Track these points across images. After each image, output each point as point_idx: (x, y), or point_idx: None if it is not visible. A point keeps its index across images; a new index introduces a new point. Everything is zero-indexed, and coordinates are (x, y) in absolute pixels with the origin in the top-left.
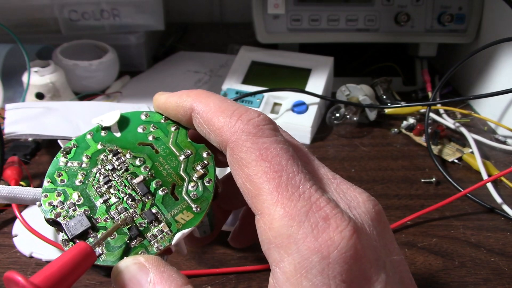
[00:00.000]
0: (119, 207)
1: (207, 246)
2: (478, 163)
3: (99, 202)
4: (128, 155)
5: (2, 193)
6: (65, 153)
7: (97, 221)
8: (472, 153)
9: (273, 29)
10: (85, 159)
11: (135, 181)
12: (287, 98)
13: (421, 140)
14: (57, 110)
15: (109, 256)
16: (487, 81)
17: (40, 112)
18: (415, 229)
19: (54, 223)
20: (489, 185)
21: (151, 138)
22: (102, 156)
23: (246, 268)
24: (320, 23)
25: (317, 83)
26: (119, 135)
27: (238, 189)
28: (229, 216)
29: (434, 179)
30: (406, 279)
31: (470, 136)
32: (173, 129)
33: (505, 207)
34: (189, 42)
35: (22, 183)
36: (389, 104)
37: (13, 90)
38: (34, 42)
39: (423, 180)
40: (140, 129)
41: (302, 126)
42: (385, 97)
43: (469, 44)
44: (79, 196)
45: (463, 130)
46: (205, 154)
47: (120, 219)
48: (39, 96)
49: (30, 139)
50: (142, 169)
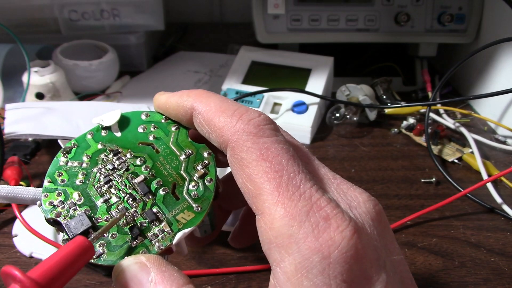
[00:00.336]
0: (120, 207)
1: (207, 246)
2: (478, 163)
3: (99, 201)
4: (128, 155)
5: (2, 193)
6: (65, 152)
7: (98, 220)
8: (472, 153)
9: (273, 29)
10: (85, 158)
11: (136, 180)
12: (287, 98)
13: (421, 140)
14: (57, 110)
15: (110, 255)
16: (487, 81)
17: (40, 112)
18: (415, 229)
19: (54, 223)
20: (489, 185)
21: (151, 137)
22: (102, 155)
23: (246, 268)
24: (320, 23)
25: (317, 83)
26: (119, 135)
27: (238, 189)
28: (229, 216)
29: (434, 179)
30: (406, 279)
31: (470, 136)
32: (173, 129)
33: (505, 207)
34: (189, 42)
35: (22, 183)
36: (389, 104)
37: (13, 90)
38: (34, 42)
39: (423, 180)
40: (140, 129)
41: (302, 126)
42: (385, 97)
43: (469, 44)
44: (79, 195)
45: (463, 130)
46: (205, 153)
47: (119, 214)
48: (39, 96)
49: (30, 139)
50: (142, 168)
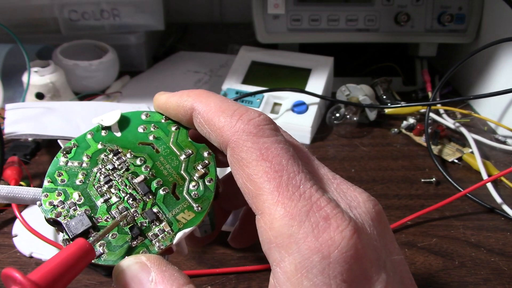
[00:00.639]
0: (120, 207)
1: (207, 246)
2: (478, 163)
3: (99, 201)
4: (128, 155)
5: (1, 193)
6: (65, 152)
7: (98, 220)
8: (472, 153)
9: (273, 29)
10: (85, 158)
11: (136, 180)
12: (287, 98)
13: (421, 140)
14: (57, 110)
15: (111, 255)
16: (487, 81)
17: (40, 112)
18: (415, 229)
19: (54, 223)
20: (489, 185)
21: (151, 137)
22: (102, 155)
23: (246, 268)
24: (320, 23)
25: (317, 83)
26: (119, 134)
27: (238, 189)
28: (229, 216)
29: (434, 179)
30: (406, 279)
31: (470, 136)
32: (173, 128)
33: (505, 207)
34: (189, 42)
35: (22, 183)
36: (389, 104)
37: (13, 90)
38: (34, 42)
39: (423, 180)
40: (140, 129)
41: (302, 126)
42: (385, 97)
43: (469, 44)
44: (79, 195)
45: (463, 130)
46: (205, 153)
47: (119, 217)
48: (39, 96)
49: (30, 139)
50: (142, 168)
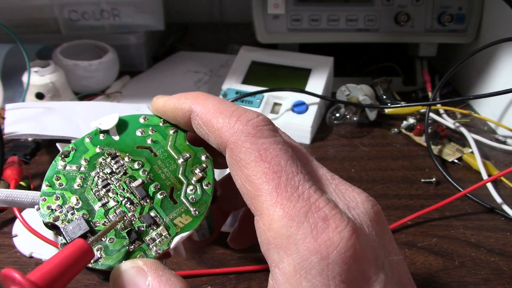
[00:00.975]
0: (118, 211)
1: (207, 246)
2: (478, 163)
3: (97, 205)
4: (126, 159)
5: (0, 197)
6: (63, 156)
7: (96, 224)
8: (472, 153)
9: (273, 29)
10: (83, 162)
11: (134, 184)
12: (287, 98)
13: (421, 140)
14: (57, 110)
15: (108, 259)
16: (487, 81)
17: (40, 112)
18: (415, 229)
19: (52, 227)
20: (489, 185)
21: (149, 141)
22: (100, 159)
23: (246, 268)
24: (320, 23)
25: (317, 83)
26: (117, 138)
27: (237, 190)
28: (229, 217)
29: (434, 179)
30: (405, 279)
31: (470, 136)
32: (171, 132)
33: (505, 207)
34: (189, 42)
35: (22, 183)
36: (389, 104)
37: (13, 90)
38: (34, 42)
39: (423, 180)
40: (138, 133)
41: (302, 126)
42: (385, 97)
43: (469, 44)
44: (77, 199)
45: (463, 130)
46: (203, 157)
47: (118, 217)
48: (39, 96)
49: (30, 139)
50: (140, 172)
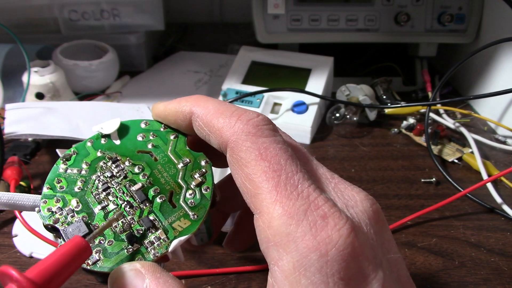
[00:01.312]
0: (117, 214)
1: (206, 246)
2: (478, 163)
3: (97, 208)
4: (127, 163)
5: (2, 200)
6: (65, 160)
7: (95, 227)
8: (472, 153)
9: (273, 29)
10: (84, 166)
11: (134, 188)
12: (287, 98)
13: (421, 140)
14: (57, 110)
15: (106, 262)
16: (487, 81)
17: (40, 112)
18: (415, 229)
19: (52, 229)
20: (489, 185)
21: (150, 146)
22: (101, 163)
23: (246, 268)
24: (320, 23)
25: (317, 83)
26: (118, 142)
27: (236, 191)
28: (228, 218)
29: (434, 179)
30: (403, 277)
31: (470, 136)
32: (172, 137)
33: (505, 207)
34: (189, 42)
35: (22, 183)
36: (389, 104)
37: (13, 90)
38: (34, 42)
39: (423, 180)
40: (139, 137)
41: (302, 126)
42: (385, 97)
43: (469, 44)
44: (77, 202)
45: (463, 130)
46: (203, 162)
47: (116, 214)
48: (39, 96)
49: (30, 139)
50: (140, 176)
